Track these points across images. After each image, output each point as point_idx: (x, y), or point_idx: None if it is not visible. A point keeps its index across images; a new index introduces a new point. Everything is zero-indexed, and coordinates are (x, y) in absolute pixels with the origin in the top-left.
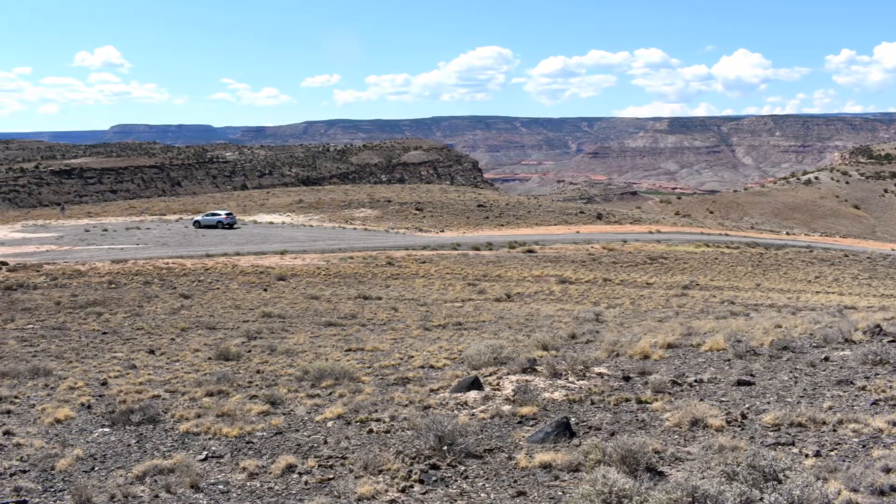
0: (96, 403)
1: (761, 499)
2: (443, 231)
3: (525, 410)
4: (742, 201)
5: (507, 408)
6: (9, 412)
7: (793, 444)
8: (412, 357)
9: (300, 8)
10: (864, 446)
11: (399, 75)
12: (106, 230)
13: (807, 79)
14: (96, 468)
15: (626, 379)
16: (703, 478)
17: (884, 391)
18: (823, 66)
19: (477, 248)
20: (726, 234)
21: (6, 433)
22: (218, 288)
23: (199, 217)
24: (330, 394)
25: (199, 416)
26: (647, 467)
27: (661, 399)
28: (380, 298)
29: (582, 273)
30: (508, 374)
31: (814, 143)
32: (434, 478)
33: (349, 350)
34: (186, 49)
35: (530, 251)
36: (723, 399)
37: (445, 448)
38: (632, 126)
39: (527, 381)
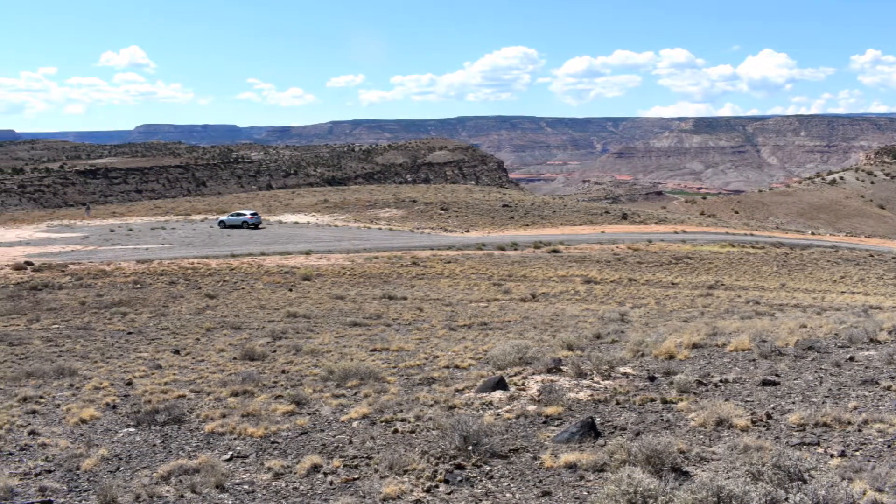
0: (121, 403)
1: (786, 499)
2: (468, 231)
3: (550, 410)
4: (767, 201)
5: (532, 408)
6: (34, 412)
7: (818, 444)
8: (437, 357)
9: (325, 8)
10: (889, 446)
11: (424, 75)
12: (131, 230)
13: (832, 79)
14: (121, 468)
15: (652, 379)
16: (729, 478)
17: None
18: (849, 66)
19: (502, 248)
20: (751, 234)
21: (32, 433)
22: (243, 288)
23: (224, 217)
24: (355, 394)
25: (224, 416)
26: (672, 467)
27: (687, 399)
28: (405, 298)
29: (607, 273)
30: (534, 374)
31: (839, 143)
32: (459, 478)
33: (374, 350)
34: (212, 49)
35: (555, 251)
36: (748, 399)
37: (471, 448)
38: (657, 126)
39: (552, 381)
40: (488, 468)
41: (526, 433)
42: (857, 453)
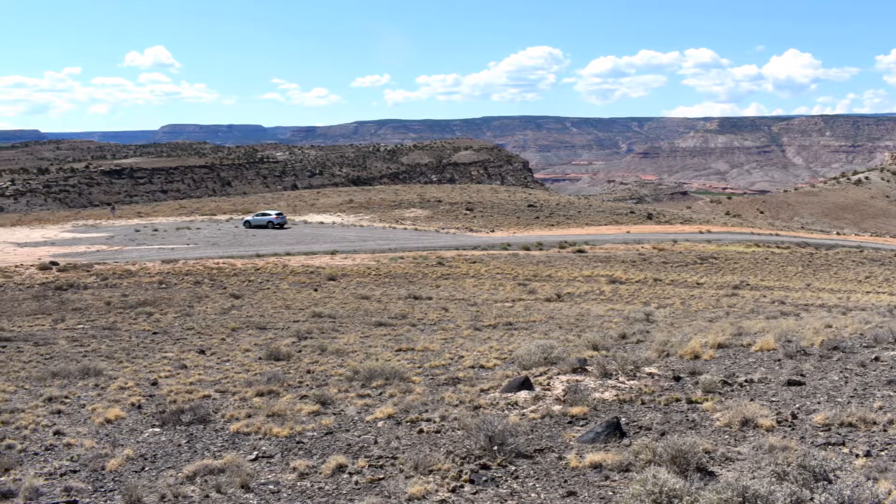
0: (147, 403)
1: (812, 499)
2: (493, 231)
3: (575, 410)
4: (792, 201)
5: (557, 408)
6: (59, 412)
7: (843, 444)
8: (462, 357)
9: (350, 8)
10: None
11: (449, 75)
12: (156, 230)
13: (857, 79)
14: (147, 468)
15: (677, 379)
16: (754, 478)
17: None
18: (874, 65)
19: (527, 248)
20: (777, 234)
21: (57, 433)
22: (268, 288)
23: (249, 217)
24: (380, 394)
25: (249, 416)
26: (697, 467)
27: (712, 399)
28: (430, 298)
29: (632, 273)
30: (559, 374)
31: (864, 142)
32: (484, 478)
33: (399, 350)
34: (236, 49)
35: (581, 251)
36: (773, 399)
37: (496, 448)
38: (682, 126)
39: (577, 381)
40: (513, 468)
41: (551, 433)
42: (883, 453)
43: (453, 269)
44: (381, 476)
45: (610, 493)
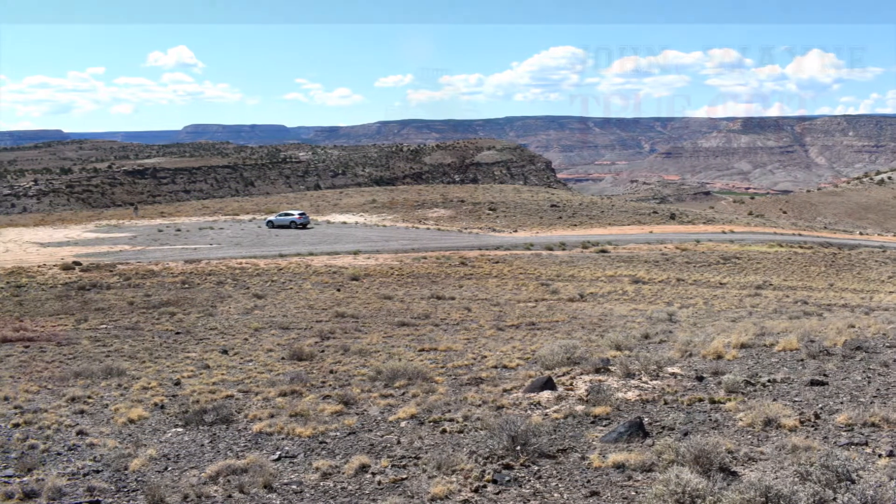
0: (170, 403)
1: (834, 499)
2: (516, 231)
3: (598, 410)
4: (815, 201)
5: (580, 408)
6: (82, 412)
7: (866, 443)
8: (485, 357)
9: (374, 8)
10: None
11: (472, 75)
12: (179, 230)
13: (880, 79)
14: (169, 468)
15: (700, 379)
16: (777, 478)
17: None
18: None
19: (550, 248)
20: (799, 234)
21: (80, 433)
22: (291, 288)
23: (272, 217)
24: (403, 394)
25: (272, 416)
26: (720, 467)
27: (735, 399)
28: (453, 298)
29: (655, 273)
30: (582, 374)
31: (887, 142)
32: (507, 478)
33: (422, 350)
34: (259, 49)
35: (603, 251)
36: (796, 399)
37: (519, 448)
38: (705, 126)
39: (600, 381)
40: (536, 468)
41: (574, 433)
42: None
43: (476, 270)
44: (404, 476)
45: (633, 493)
